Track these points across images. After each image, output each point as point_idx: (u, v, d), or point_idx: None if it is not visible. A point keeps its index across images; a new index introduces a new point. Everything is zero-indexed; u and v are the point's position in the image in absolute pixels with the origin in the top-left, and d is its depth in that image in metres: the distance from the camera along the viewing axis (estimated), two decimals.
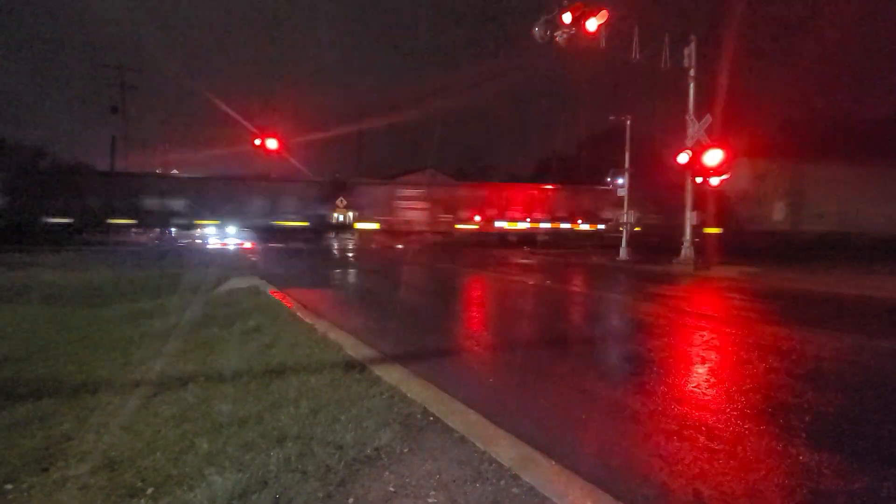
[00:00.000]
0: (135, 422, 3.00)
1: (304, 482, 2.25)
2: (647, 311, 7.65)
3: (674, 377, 4.15)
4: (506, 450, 2.56)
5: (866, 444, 2.92)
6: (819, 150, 26.15)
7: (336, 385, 3.52)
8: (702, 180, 13.63)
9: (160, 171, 33.76)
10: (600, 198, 29.39)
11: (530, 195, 30.41)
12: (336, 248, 24.96)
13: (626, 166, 19.35)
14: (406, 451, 2.58)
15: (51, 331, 5.62)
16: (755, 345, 5.23)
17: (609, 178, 20.88)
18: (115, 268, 12.93)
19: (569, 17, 10.93)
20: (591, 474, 2.38)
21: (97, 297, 8.13)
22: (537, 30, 11.39)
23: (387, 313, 7.38)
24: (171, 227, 27.17)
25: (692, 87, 14.80)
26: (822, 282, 11.12)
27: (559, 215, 30.13)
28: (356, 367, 3.96)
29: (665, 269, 14.54)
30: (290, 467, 2.36)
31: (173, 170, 34.60)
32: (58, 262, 14.01)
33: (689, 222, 15.05)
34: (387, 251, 22.71)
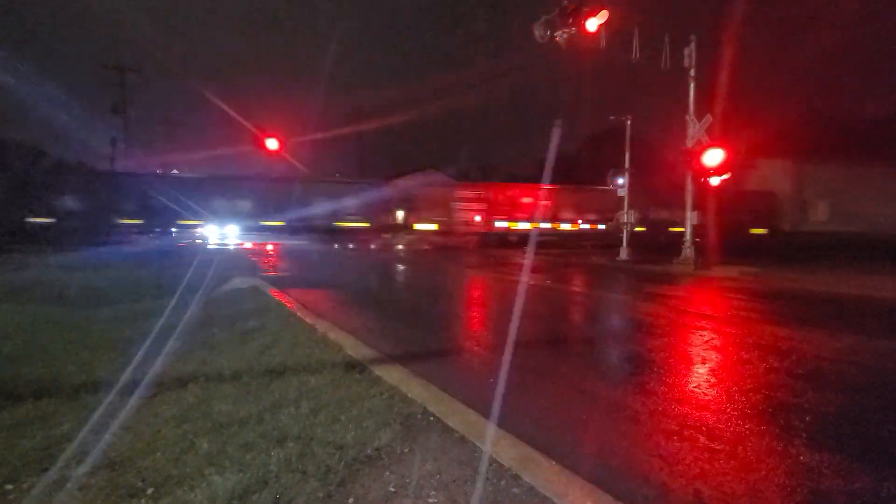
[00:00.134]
0: (135, 422, 3.01)
1: (305, 482, 2.25)
2: (646, 310, 7.64)
3: (673, 377, 4.15)
4: (506, 450, 2.56)
5: (867, 444, 2.91)
6: (861, 151, 26.01)
7: (336, 385, 3.52)
8: (704, 180, 13.65)
9: (160, 171, 33.76)
10: (601, 198, 29.38)
11: (546, 195, 30.34)
12: (394, 248, 24.84)
13: (627, 166, 19.34)
14: (406, 451, 2.58)
15: (51, 331, 5.62)
16: (755, 345, 5.22)
17: (609, 178, 20.84)
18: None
19: (568, 19, 10.93)
20: (592, 474, 2.38)
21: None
22: (537, 30, 11.38)
23: (386, 312, 7.38)
24: (172, 228, 27.18)
25: (692, 86, 14.79)
26: (823, 282, 11.11)
27: (559, 216, 30.13)
28: (356, 367, 3.97)
29: (665, 269, 14.53)
30: (291, 467, 2.36)
31: (173, 170, 34.58)
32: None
33: (690, 222, 15.04)
34: (442, 252, 22.68)
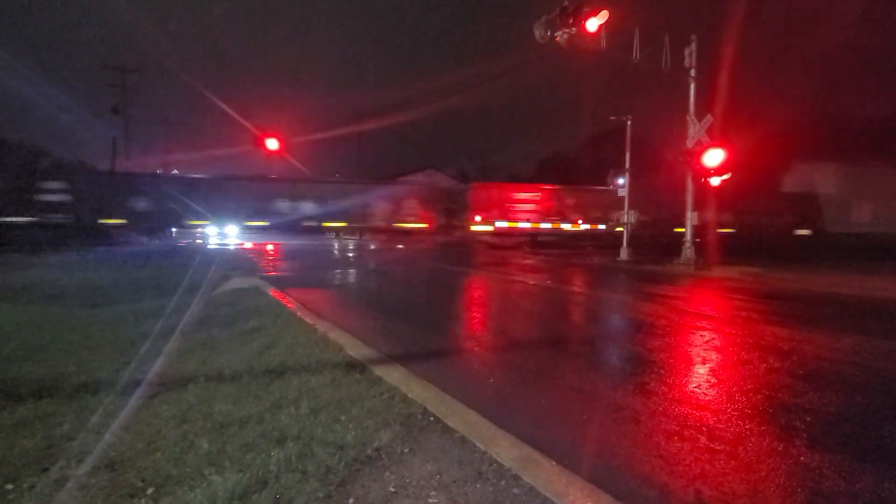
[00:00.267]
0: (135, 422, 3.01)
1: (305, 482, 2.25)
2: (646, 311, 7.64)
3: (673, 377, 4.15)
4: (506, 450, 2.56)
5: (867, 444, 2.91)
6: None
7: (336, 385, 3.52)
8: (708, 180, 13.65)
9: (160, 171, 33.82)
10: (601, 198, 29.38)
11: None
12: (451, 248, 24.70)
13: (627, 166, 19.35)
14: (406, 451, 2.58)
15: (52, 330, 5.62)
16: (754, 345, 5.22)
17: (610, 179, 20.84)
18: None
19: (568, 19, 10.92)
20: (592, 474, 2.38)
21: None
22: (537, 30, 11.37)
23: (386, 312, 7.38)
24: (172, 228, 27.29)
25: (692, 87, 14.80)
26: (823, 282, 11.11)
27: (559, 216, 30.12)
28: (357, 367, 3.97)
29: (666, 270, 14.53)
30: (291, 467, 2.36)
31: (174, 170, 34.61)
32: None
33: (690, 222, 15.05)
34: (495, 253, 22.55)
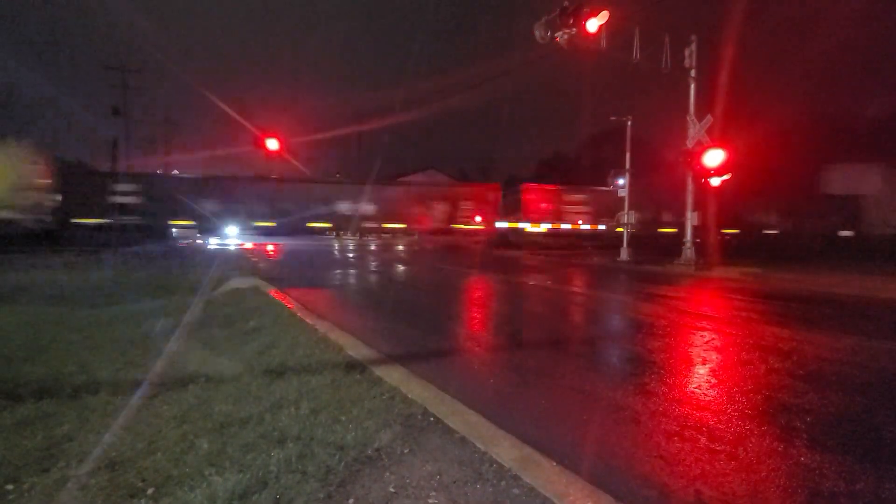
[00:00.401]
0: (135, 422, 3.01)
1: (305, 483, 2.25)
2: (647, 311, 7.64)
3: (672, 377, 4.15)
4: (506, 450, 2.56)
5: (867, 444, 2.91)
6: None
7: (337, 386, 3.53)
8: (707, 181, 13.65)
9: (160, 171, 33.89)
10: (601, 198, 29.36)
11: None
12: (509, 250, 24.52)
13: (627, 167, 19.36)
14: (407, 451, 2.58)
15: (52, 331, 5.62)
16: (754, 345, 5.22)
17: (610, 179, 20.85)
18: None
19: (568, 19, 10.92)
20: (592, 475, 2.38)
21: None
22: (538, 30, 11.37)
23: (386, 312, 7.38)
24: (173, 229, 27.37)
25: (693, 87, 14.80)
26: (823, 282, 11.11)
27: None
28: (357, 367, 3.97)
29: (666, 270, 14.53)
30: (291, 468, 2.36)
31: (174, 170, 34.66)
32: None
33: (690, 223, 15.05)
34: (502, 253, 22.60)
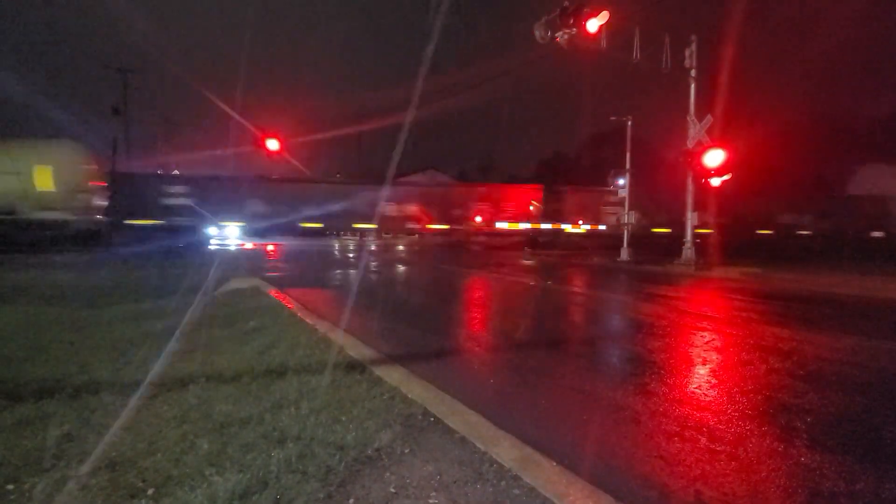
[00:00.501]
0: (136, 422, 3.01)
1: (305, 483, 2.25)
2: (647, 311, 7.64)
3: (673, 378, 4.14)
4: (507, 450, 2.56)
5: (868, 445, 2.91)
6: None
7: (337, 386, 3.53)
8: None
9: (160, 171, 33.91)
10: (601, 198, 29.41)
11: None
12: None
13: (627, 167, 19.36)
14: (407, 451, 2.58)
15: (52, 331, 5.62)
16: (755, 345, 5.22)
17: (610, 179, 20.85)
18: None
19: (569, 19, 10.92)
20: (593, 475, 2.38)
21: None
22: (538, 31, 11.37)
23: (386, 312, 7.38)
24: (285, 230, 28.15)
25: (693, 87, 14.80)
26: (823, 282, 11.11)
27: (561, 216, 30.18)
28: (357, 367, 3.97)
29: (666, 270, 14.54)
30: (291, 468, 2.36)
31: (174, 170, 34.67)
32: None
33: (690, 223, 15.05)
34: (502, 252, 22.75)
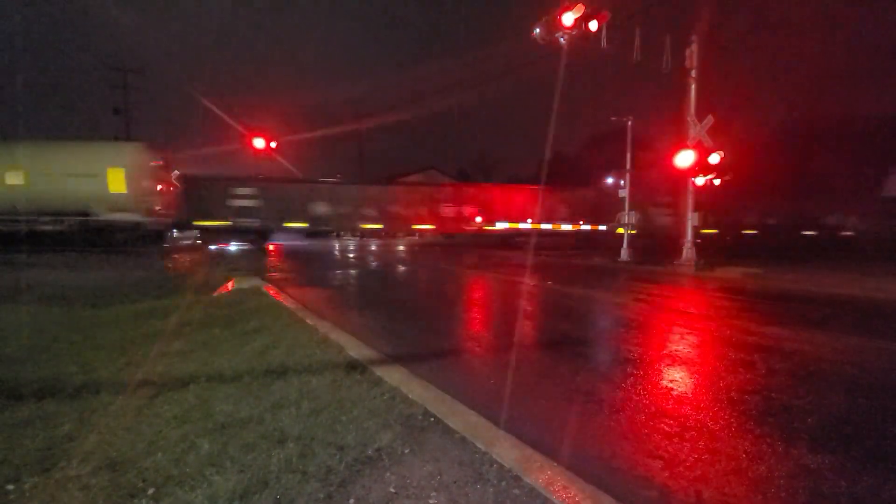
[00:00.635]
0: (136, 422, 3.01)
1: (305, 483, 2.25)
2: (647, 312, 7.64)
3: (673, 378, 4.14)
4: (507, 451, 2.56)
5: (869, 445, 2.91)
6: None
7: (337, 386, 3.53)
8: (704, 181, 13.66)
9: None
10: (602, 198, 29.46)
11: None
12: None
13: (628, 167, 19.35)
14: (407, 451, 2.58)
15: (53, 331, 5.63)
16: (756, 346, 5.22)
17: (611, 179, 20.83)
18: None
19: (569, 19, 10.91)
20: (593, 475, 2.38)
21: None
22: (538, 30, 11.36)
23: (387, 312, 7.38)
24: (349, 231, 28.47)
25: (693, 87, 14.78)
26: (824, 283, 11.09)
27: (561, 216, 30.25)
28: (357, 368, 3.97)
29: (666, 270, 14.52)
30: (291, 468, 2.36)
31: (175, 170, 34.70)
32: None
33: (691, 223, 15.02)
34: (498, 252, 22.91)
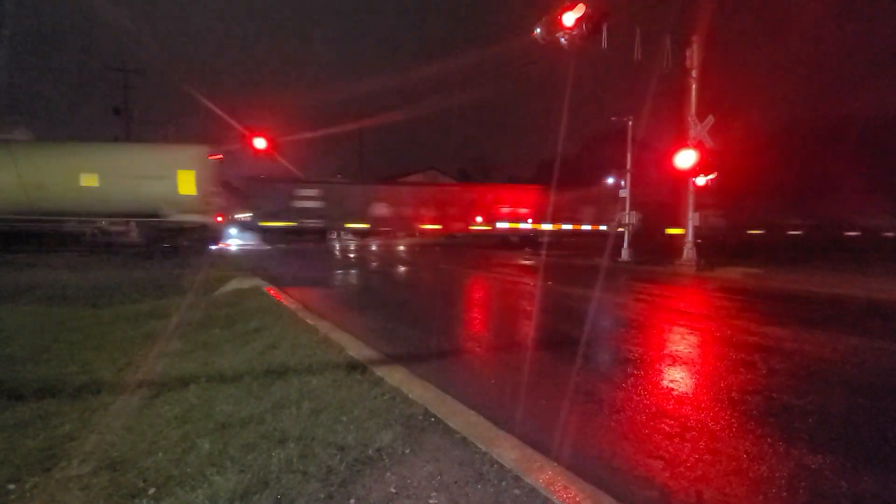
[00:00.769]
0: (137, 422, 3.01)
1: (306, 483, 2.25)
2: (648, 312, 7.63)
3: (674, 379, 4.14)
4: (507, 451, 2.55)
5: (870, 445, 2.91)
6: None
7: (338, 386, 3.53)
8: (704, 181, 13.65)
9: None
10: (603, 198, 29.50)
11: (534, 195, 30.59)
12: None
13: (628, 167, 19.34)
14: (408, 452, 2.58)
15: (54, 331, 5.63)
16: (757, 346, 5.21)
17: (611, 179, 20.83)
18: None
19: (570, 19, 10.91)
20: (594, 475, 2.37)
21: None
22: (539, 30, 11.36)
23: (387, 312, 7.38)
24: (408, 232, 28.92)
25: (694, 87, 14.77)
26: (825, 283, 11.08)
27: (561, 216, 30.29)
28: (358, 368, 3.97)
29: (667, 270, 14.51)
30: (292, 468, 2.36)
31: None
32: None
33: (691, 223, 15.01)
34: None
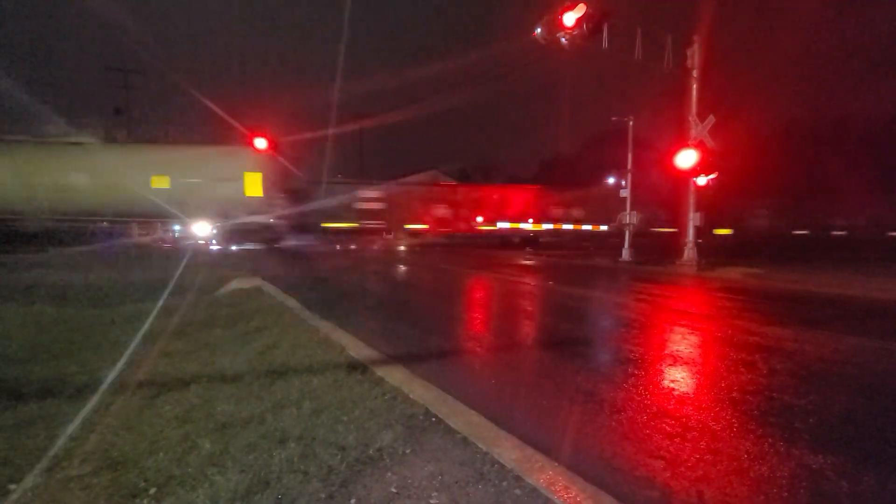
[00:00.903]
0: (138, 422, 3.01)
1: (307, 483, 2.25)
2: (649, 311, 7.63)
3: (675, 379, 4.14)
4: (508, 451, 2.55)
5: (871, 445, 2.90)
6: None
7: (338, 386, 3.53)
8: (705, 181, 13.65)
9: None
10: (603, 198, 29.52)
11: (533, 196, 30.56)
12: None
13: (629, 167, 19.34)
14: (408, 452, 2.58)
15: (54, 331, 5.64)
16: (757, 346, 5.21)
17: (612, 179, 20.83)
18: None
19: (571, 19, 10.92)
20: (594, 475, 2.37)
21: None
22: (539, 30, 11.37)
23: (387, 312, 7.38)
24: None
25: (695, 87, 14.77)
26: (825, 283, 11.07)
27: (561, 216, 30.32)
28: (358, 368, 3.97)
29: (667, 270, 14.50)
30: (293, 468, 2.37)
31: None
32: None
33: (692, 223, 15.00)
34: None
